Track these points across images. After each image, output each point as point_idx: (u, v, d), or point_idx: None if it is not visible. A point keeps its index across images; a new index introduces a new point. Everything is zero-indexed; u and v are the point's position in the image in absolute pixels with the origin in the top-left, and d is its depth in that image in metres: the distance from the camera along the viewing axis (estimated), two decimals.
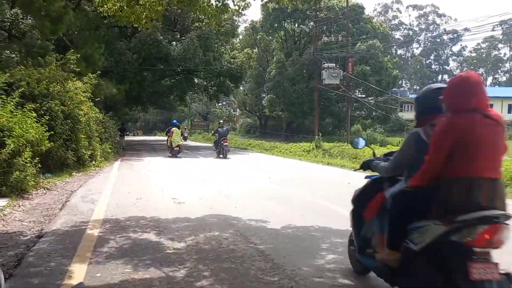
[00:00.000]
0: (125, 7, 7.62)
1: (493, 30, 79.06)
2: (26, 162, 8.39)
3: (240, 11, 8.45)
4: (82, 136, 13.16)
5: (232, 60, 28.99)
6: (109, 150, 17.06)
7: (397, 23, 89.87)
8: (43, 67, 12.41)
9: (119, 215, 6.68)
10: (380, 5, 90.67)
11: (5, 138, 8.28)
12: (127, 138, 38.72)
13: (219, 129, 21.01)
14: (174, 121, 21.45)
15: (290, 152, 26.59)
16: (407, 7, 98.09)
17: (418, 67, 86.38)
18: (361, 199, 3.83)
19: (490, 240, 2.49)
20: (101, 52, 21.32)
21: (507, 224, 2.53)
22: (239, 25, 31.87)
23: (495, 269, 2.48)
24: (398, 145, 30.28)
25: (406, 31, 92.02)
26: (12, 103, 9.32)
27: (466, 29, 76.48)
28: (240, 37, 39.79)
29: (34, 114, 9.69)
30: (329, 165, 17.49)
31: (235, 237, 5.41)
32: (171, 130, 20.53)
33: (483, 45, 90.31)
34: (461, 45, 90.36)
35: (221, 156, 19.78)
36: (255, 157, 22.38)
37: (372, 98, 38.77)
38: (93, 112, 14.87)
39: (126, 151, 23.81)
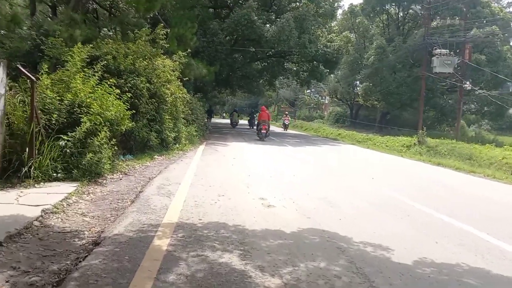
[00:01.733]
0: None
1: None
2: (102, 143, 7.48)
3: None
4: (167, 117, 12.30)
5: (328, 43, 26.85)
6: (195, 133, 16.22)
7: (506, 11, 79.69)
8: (132, 42, 11.65)
9: (196, 218, 5.36)
10: None
11: (82, 115, 7.44)
12: (213, 120, 38.63)
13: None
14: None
15: (387, 146, 24.12)
16: None
17: None
18: None
19: None
20: (194, 32, 20.65)
21: None
22: (340, 5, 29.28)
23: None
24: None
25: None
26: (95, 77, 8.52)
27: None
28: (336, 22, 37.13)
29: (117, 91, 8.82)
30: (439, 166, 14.92)
31: (351, 275, 3.76)
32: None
33: None
34: None
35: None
36: (348, 150, 20.34)
37: (484, 91, 34.20)
38: (181, 92, 13.99)
39: (212, 134, 23.13)
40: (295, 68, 31.39)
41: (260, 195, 7.08)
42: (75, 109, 7.60)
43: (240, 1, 26.73)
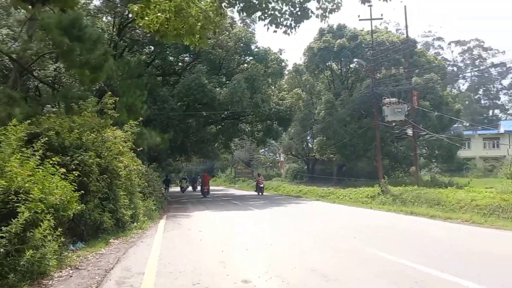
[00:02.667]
0: (173, 17, 5.52)
1: None
2: (45, 235, 6.22)
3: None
4: (122, 193, 11.08)
5: (280, 101, 27.00)
6: (153, 207, 14.89)
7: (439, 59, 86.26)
8: (77, 114, 10.63)
9: None
10: (420, 43, 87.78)
11: (18, 204, 6.20)
12: (171, 189, 37.10)
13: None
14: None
15: (350, 198, 23.69)
16: (449, 44, 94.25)
17: (467, 103, 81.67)
18: None
19: None
20: (143, 100, 20.01)
21: None
22: (287, 65, 29.93)
23: None
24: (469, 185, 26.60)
25: (450, 68, 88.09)
26: (35, 156, 7.37)
27: None
28: (283, 80, 37.98)
29: (62, 170, 7.66)
30: (413, 215, 14.46)
31: None
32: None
33: None
34: (511, 78, 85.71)
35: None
36: (316, 207, 19.61)
37: (431, 136, 35.50)
38: (135, 163, 12.87)
39: (171, 205, 21.72)
40: (249, 129, 31.18)
41: (241, 277, 6.01)
42: (10, 197, 6.35)
43: (188, 67, 26.62)
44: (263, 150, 69.75)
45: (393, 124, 24.40)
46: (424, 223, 12.64)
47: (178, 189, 43.30)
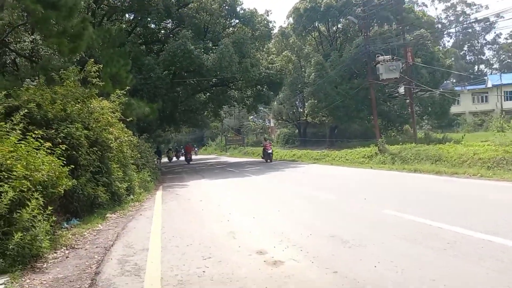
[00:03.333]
0: None
1: None
2: (35, 215, 5.60)
3: None
4: (115, 165, 10.43)
5: (270, 65, 26.07)
6: (149, 179, 14.30)
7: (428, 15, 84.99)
8: (58, 85, 9.81)
9: None
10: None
11: (1, 183, 5.54)
12: (162, 160, 36.53)
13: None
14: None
15: (347, 160, 23.38)
16: (433, 0, 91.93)
17: (453, 59, 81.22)
18: None
19: None
20: (128, 69, 19.05)
21: None
22: (275, 27, 28.82)
23: None
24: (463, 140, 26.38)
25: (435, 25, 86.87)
26: (16, 131, 6.67)
27: (498, 15, 72.13)
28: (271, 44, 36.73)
29: (48, 144, 6.98)
30: (417, 172, 14.12)
31: None
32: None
33: None
34: (495, 32, 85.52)
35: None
36: (315, 170, 19.21)
37: (423, 93, 35.12)
38: (126, 135, 12.17)
39: (166, 176, 21.17)
40: (238, 95, 30.33)
41: (256, 247, 5.51)
42: None
43: (172, 34, 25.44)
44: (252, 116, 68.98)
45: (387, 83, 23.73)
46: (432, 179, 12.29)
47: (165, 160, 43.04)
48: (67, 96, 9.41)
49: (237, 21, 24.49)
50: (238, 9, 23.64)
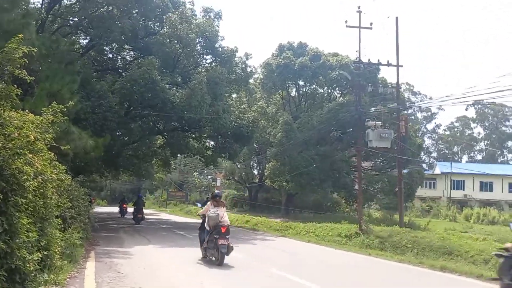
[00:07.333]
0: None
1: (466, 110, 79.49)
2: None
3: None
4: (26, 220, 5.96)
5: (241, 115, 22.72)
6: (78, 242, 9.60)
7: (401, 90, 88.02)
8: None
9: None
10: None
11: None
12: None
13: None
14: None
15: (317, 236, 19.84)
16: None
17: (424, 139, 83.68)
18: None
19: None
20: (74, 89, 14.84)
21: None
22: (253, 73, 25.86)
23: None
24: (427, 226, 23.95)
25: None
26: None
27: (440, 108, 76.46)
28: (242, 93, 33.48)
29: None
30: (446, 272, 10.71)
31: None
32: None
33: (456, 124, 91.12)
34: (435, 123, 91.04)
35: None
36: (291, 247, 15.35)
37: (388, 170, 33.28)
38: (55, 170, 7.78)
39: (99, 233, 16.23)
40: (198, 145, 26.40)
41: None
42: None
43: (134, 62, 21.59)
44: (195, 173, 64.40)
45: (378, 151, 21.06)
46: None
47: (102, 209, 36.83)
48: None
49: (213, 58, 21.20)
50: (217, 45, 20.44)
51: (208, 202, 11.30)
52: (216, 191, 12.38)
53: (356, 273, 10.31)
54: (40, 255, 6.45)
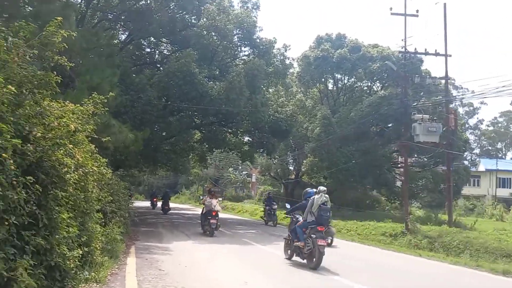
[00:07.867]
0: None
1: (511, 104, 75.03)
2: None
3: None
4: (66, 214, 5.64)
5: (280, 109, 22.11)
6: (118, 237, 9.35)
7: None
8: None
9: None
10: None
11: None
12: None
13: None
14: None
15: (359, 235, 19.13)
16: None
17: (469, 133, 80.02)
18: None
19: None
20: (114, 82, 14.76)
21: None
22: (291, 65, 25.18)
23: None
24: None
25: None
26: None
27: (482, 103, 72.51)
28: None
29: None
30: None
31: None
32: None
33: (500, 119, 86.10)
34: (477, 118, 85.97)
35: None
36: (351, 251, 14.65)
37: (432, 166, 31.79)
38: (96, 163, 7.48)
39: (138, 228, 16.12)
40: (234, 140, 26.00)
41: None
42: None
43: (172, 55, 21.35)
44: (231, 168, 64.24)
45: (425, 146, 19.91)
46: None
47: (140, 203, 37.35)
48: None
49: (251, 50, 20.68)
50: (255, 36, 19.90)
51: (206, 196, 16.46)
52: (211, 188, 18.88)
53: (418, 279, 9.53)
54: (81, 251, 6.13)
